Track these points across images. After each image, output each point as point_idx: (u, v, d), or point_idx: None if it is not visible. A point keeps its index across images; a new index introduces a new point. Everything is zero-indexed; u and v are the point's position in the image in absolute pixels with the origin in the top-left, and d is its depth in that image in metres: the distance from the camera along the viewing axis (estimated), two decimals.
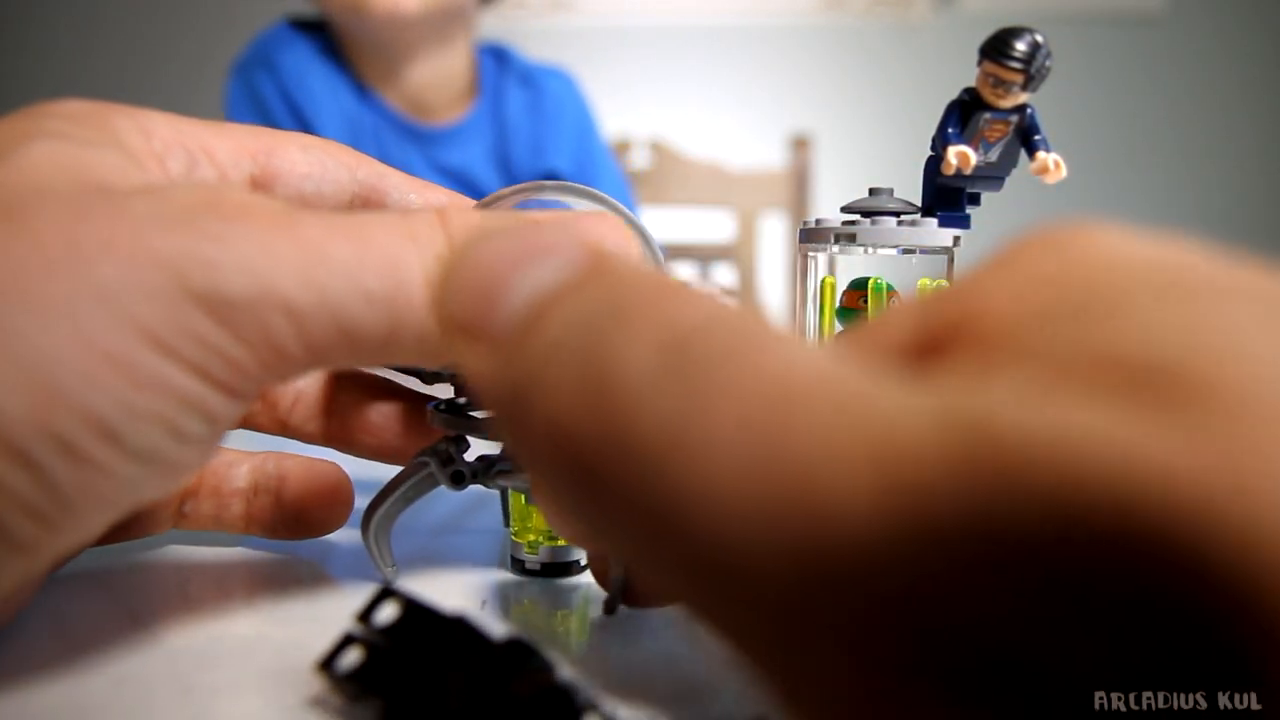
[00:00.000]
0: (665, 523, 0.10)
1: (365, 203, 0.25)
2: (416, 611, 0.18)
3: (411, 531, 0.30)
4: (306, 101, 0.93)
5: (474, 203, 0.27)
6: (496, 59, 1.04)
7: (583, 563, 0.26)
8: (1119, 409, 0.08)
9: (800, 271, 0.29)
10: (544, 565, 0.26)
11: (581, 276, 0.12)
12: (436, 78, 0.96)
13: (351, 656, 0.18)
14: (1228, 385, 0.08)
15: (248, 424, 0.27)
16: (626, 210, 0.25)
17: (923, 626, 0.08)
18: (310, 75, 0.94)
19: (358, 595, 0.25)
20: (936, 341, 0.11)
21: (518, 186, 0.26)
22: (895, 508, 0.08)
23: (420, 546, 0.29)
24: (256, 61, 0.95)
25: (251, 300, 0.16)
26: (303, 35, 0.96)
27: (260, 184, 0.23)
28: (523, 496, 0.26)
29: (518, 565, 0.27)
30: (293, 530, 0.27)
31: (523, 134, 1.01)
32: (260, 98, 0.93)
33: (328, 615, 0.24)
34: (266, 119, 0.93)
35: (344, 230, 0.18)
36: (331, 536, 0.29)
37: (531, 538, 0.26)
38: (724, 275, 1.32)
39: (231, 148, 0.22)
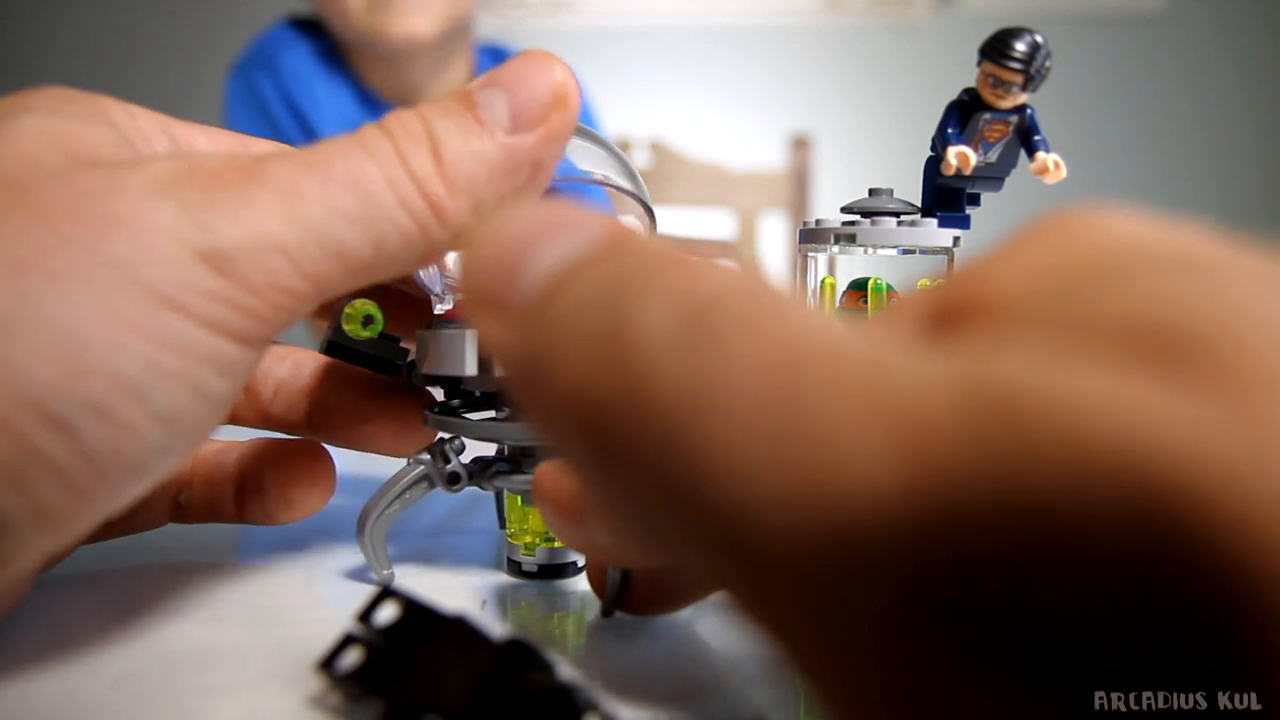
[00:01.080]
0: (683, 488, 0.10)
1: None
2: (417, 612, 0.18)
3: (409, 533, 0.30)
4: (307, 103, 0.93)
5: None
6: (496, 60, 1.04)
7: (580, 564, 0.26)
8: (1133, 375, 0.08)
9: (800, 271, 0.29)
10: (540, 567, 0.26)
11: (601, 250, 0.12)
12: (438, 83, 0.96)
13: (351, 656, 0.18)
14: (1240, 353, 0.08)
15: (233, 419, 0.28)
16: (623, 155, 0.25)
17: (945, 594, 0.08)
18: (311, 77, 0.94)
19: (358, 595, 0.25)
20: (949, 316, 0.11)
21: None
22: (912, 474, 0.09)
23: (417, 548, 0.29)
24: (257, 62, 0.95)
25: (246, 247, 0.18)
26: (303, 36, 0.96)
27: None
28: (519, 498, 0.26)
29: (514, 567, 0.27)
30: (277, 512, 0.27)
31: None
32: (261, 98, 0.93)
33: (328, 615, 0.24)
34: (267, 119, 0.93)
35: (307, 164, 0.19)
36: (332, 536, 0.29)
37: (528, 539, 0.26)
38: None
39: (208, 141, 0.23)
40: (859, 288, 0.28)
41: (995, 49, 0.25)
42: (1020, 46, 0.25)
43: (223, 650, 0.21)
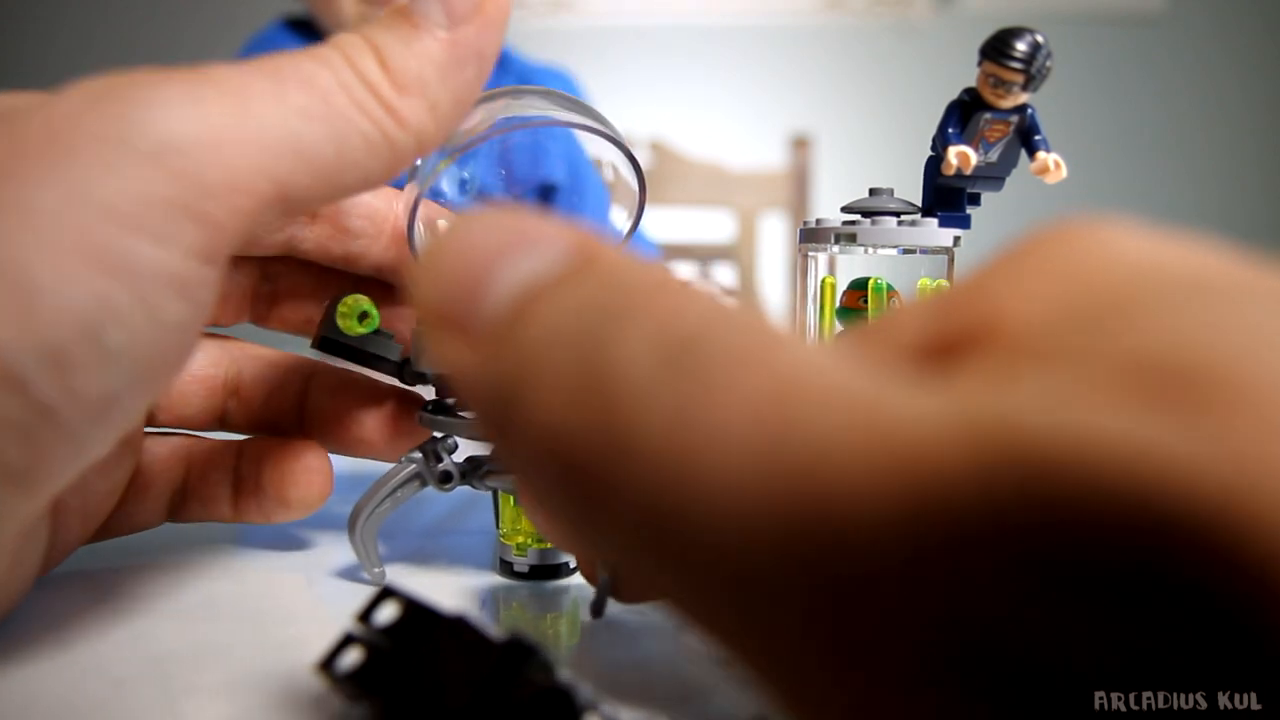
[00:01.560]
0: (668, 524, 0.09)
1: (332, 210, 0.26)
2: (417, 611, 0.18)
3: (404, 533, 0.30)
4: None
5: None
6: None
7: (572, 565, 0.26)
8: (1145, 413, 0.08)
9: (800, 271, 0.29)
10: (532, 568, 0.26)
11: (573, 268, 0.11)
12: None
13: (351, 656, 0.18)
14: (1256, 388, 0.08)
15: (223, 425, 0.28)
16: (614, 129, 0.25)
17: (943, 630, 0.08)
18: None
19: (357, 595, 0.25)
20: (950, 343, 0.11)
21: (493, 91, 0.26)
22: (915, 516, 0.08)
23: (413, 548, 0.29)
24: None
25: (196, 142, 0.17)
26: (298, 36, 0.96)
27: None
28: (511, 498, 0.26)
29: (505, 567, 0.26)
30: (274, 511, 0.27)
31: (520, 136, 1.00)
32: None
33: (328, 615, 0.24)
34: None
35: (255, 68, 0.18)
36: (331, 536, 0.29)
37: (520, 540, 0.26)
38: (724, 275, 1.32)
39: None
40: (859, 287, 0.28)
41: (996, 49, 0.25)
42: (1021, 46, 0.25)
43: (222, 650, 0.21)
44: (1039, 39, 0.25)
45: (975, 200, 0.28)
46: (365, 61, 0.19)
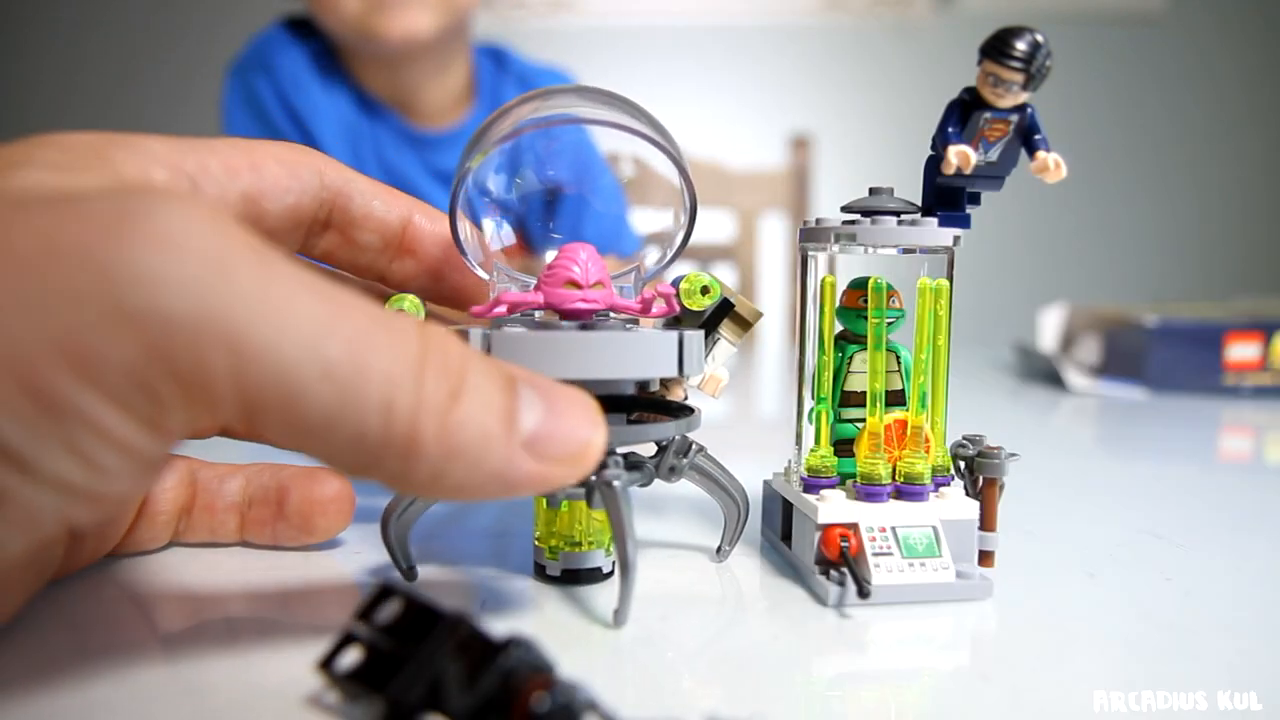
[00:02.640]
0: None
1: (332, 207, 0.26)
2: (416, 610, 0.18)
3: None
4: (304, 106, 0.93)
5: (441, 214, 0.27)
6: (495, 61, 1.03)
7: (605, 570, 0.26)
8: None
9: (800, 271, 0.29)
10: (564, 571, 0.26)
11: None
12: (437, 85, 0.96)
13: (351, 655, 0.18)
14: None
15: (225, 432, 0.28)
16: (657, 127, 0.25)
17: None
18: (308, 80, 0.94)
19: (357, 595, 0.25)
20: None
21: (525, 95, 0.27)
22: None
23: (417, 548, 0.29)
24: (253, 64, 0.94)
25: (194, 326, 0.15)
26: (299, 38, 0.95)
27: (250, 199, 0.24)
28: (544, 501, 0.26)
29: (539, 570, 0.26)
30: (297, 538, 0.28)
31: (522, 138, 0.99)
32: (258, 101, 0.93)
33: (328, 615, 0.24)
34: (264, 121, 0.92)
35: (314, 286, 0.16)
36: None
37: (553, 543, 0.26)
38: (724, 276, 1.32)
39: (222, 165, 0.23)
40: (859, 287, 0.28)
41: (995, 48, 0.25)
42: (1020, 45, 0.25)
43: (223, 650, 0.21)
44: (1039, 38, 0.25)
45: (975, 200, 0.28)
46: (437, 380, 0.17)
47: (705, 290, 0.27)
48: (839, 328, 0.29)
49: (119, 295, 0.14)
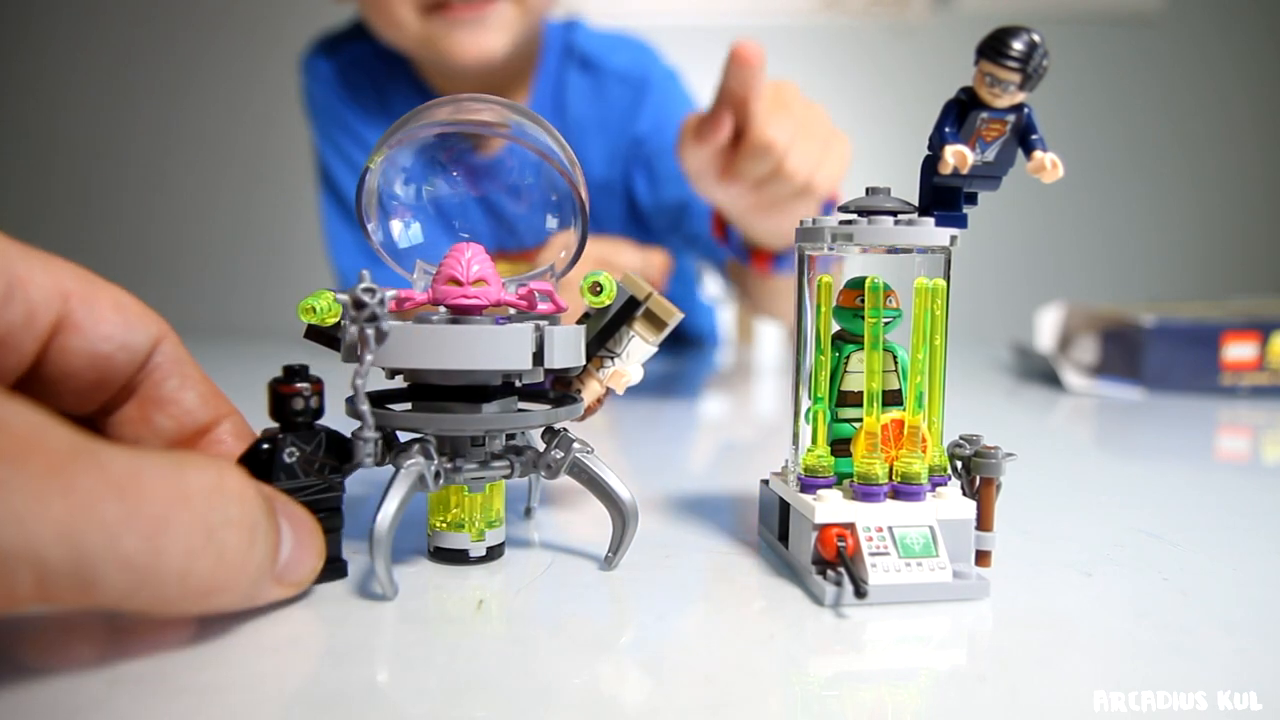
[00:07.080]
0: None
1: (148, 380, 0.25)
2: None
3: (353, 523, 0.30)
4: (377, 94, 0.92)
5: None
6: (565, 37, 0.98)
7: (472, 554, 0.28)
8: None
9: (798, 270, 0.29)
10: (489, 549, 0.28)
11: None
12: (510, 86, 0.92)
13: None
14: None
15: None
16: (557, 140, 0.27)
17: None
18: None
19: (352, 593, 0.25)
20: None
21: (440, 100, 0.28)
22: None
23: (400, 545, 0.29)
24: (320, 60, 0.93)
25: (5, 555, 0.16)
26: (353, 40, 0.92)
27: (61, 328, 0.23)
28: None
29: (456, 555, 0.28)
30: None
31: (588, 125, 0.96)
32: (335, 86, 0.92)
33: (323, 614, 0.24)
34: (348, 100, 0.92)
35: (118, 484, 0.18)
36: None
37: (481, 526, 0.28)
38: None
39: (49, 285, 0.22)
40: (856, 286, 0.28)
41: (992, 48, 0.25)
42: (1017, 45, 0.25)
43: (220, 649, 0.21)
44: (1035, 38, 0.25)
45: (972, 199, 0.28)
46: (235, 539, 0.20)
47: (595, 288, 0.27)
48: (836, 327, 0.29)
49: None
